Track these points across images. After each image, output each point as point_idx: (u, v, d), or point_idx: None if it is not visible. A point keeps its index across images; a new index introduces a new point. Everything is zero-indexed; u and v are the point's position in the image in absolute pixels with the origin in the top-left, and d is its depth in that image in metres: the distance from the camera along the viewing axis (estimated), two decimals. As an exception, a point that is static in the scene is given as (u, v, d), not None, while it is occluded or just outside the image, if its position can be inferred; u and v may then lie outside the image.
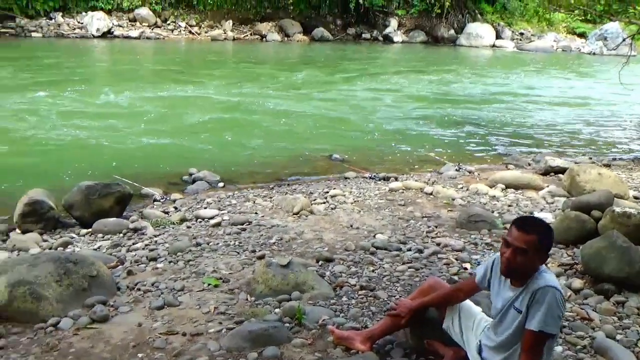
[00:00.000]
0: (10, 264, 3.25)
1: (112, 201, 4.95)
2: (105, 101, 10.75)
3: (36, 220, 4.69)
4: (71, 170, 6.70)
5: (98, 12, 22.34)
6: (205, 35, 24.05)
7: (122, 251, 4.18)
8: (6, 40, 19.79)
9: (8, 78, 12.59)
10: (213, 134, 8.77)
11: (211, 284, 3.50)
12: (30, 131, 8.30)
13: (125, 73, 14.93)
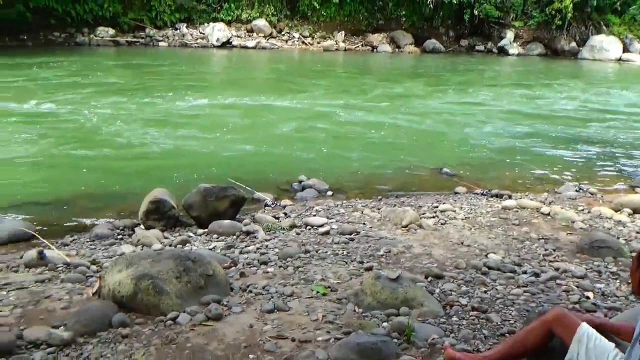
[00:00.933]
0: (136, 258, 3.47)
1: (227, 204, 5.15)
2: (217, 107, 11.28)
3: (158, 218, 4.99)
4: (190, 173, 7.08)
5: (219, 24, 23.54)
6: (318, 46, 24.56)
7: (235, 253, 4.33)
8: (137, 49, 21.42)
9: (131, 83, 13.63)
10: (318, 143, 8.90)
11: (319, 291, 3.53)
12: (151, 134, 8.85)
13: (238, 81, 15.58)
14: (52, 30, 21.57)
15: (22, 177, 6.65)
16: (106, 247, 4.60)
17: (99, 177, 6.78)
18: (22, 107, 10.17)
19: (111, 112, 10.16)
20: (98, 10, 21.86)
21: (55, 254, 4.23)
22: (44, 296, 3.50)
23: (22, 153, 7.48)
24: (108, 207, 5.94)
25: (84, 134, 8.70)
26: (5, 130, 8.55)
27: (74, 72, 14.71)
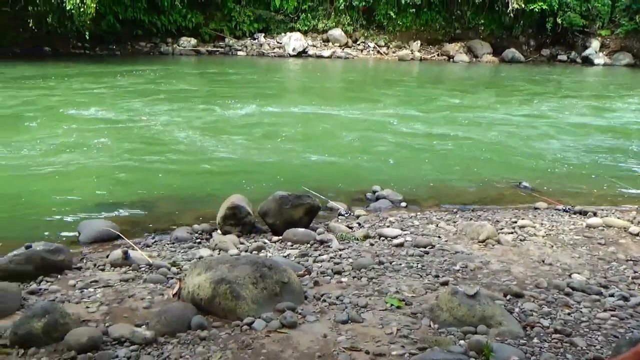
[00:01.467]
0: (214, 262, 3.56)
1: (302, 212, 5.20)
2: (286, 115, 11.46)
3: (235, 224, 5.10)
4: (264, 180, 7.21)
5: (295, 33, 23.96)
6: (393, 55, 24.49)
7: (309, 261, 4.36)
8: (216, 58, 22.18)
9: (204, 90, 14.14)
10: (389, 153, 8.83)
11: (394, 304, 3.49)
12: (222, 140, 9.08)
13: (309, 90, 15.84)
14: (139, 40, 22.70)
15: (105, 180, 6.99)
16: (185, 250, 4.75)
17: (177, 182, 7.02)
18: (97, 113, 10.73)
19: (183, 119, 10.58)
20: (181, 21, 22.80)
21: (139, 254, 4.41)
22: (128, 295, 3.66)
23: (100, 157, 7.85)
24: (187, 212, 6.13)
25: (156, 140, 9.04)
26: (82, 135, 9.01)
27: (150, 80, 15.47)
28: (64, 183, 6.77)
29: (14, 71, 15.98)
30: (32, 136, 8.82)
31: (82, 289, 3.76)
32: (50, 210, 5.92)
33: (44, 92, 12.90)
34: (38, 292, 3.73)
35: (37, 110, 10.84)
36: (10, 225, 5.54)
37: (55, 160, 7.55)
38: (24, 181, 6.79)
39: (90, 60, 19.51)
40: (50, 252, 4.04)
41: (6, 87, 13.34)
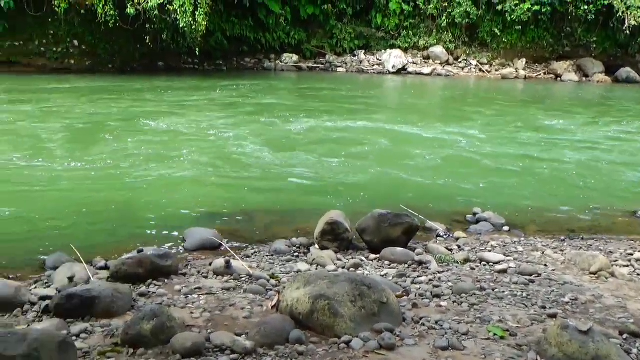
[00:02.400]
0: (313, 277, 3.58)
1: (400, 231, 5.13)
2: (378, 131, 11.34)
3: (333, 239, 5.12)
4: (360, 196, 7.20)
5: (396, 50, 23.92)
6: (496, 74, 23.77)
7: (407, 282, 4.27)
8: (317, 74, 22.61)
9: (295, 104, 14.44)
10: (487, 174, 8.51)
11: (497, 334, 3.33)
12: (313, 154, 9.17)
13: (403, 107, 15.72)
14: (244, 56, 23.63)
15: (204, 191, 7.27)
16: (284, 263, 4.82)
17: (273, 196, 7.17)
18: (187, 124, 11.26)
19: (272, 132, 10.88)
20: (285, 38, 23.48)
21: (240, 264, 4.53)
22: (229, 304, 3.76)
23: (195, 168, 8.14)
24: (284, 224, 6.24)
25: (246, 153, 9.22)
26: (179, 145, 9.47)
27: (243, 94, 16.12)
28: (167, 192, 7.10)
29: (125, 84, 17.25)
30: (130, 145, 9.38)
31: (186, 295, 3.92)
32: (157, 217, 6.24)
33: (140, 104, 13.79)
34: (147, 295, 3.93)
35: (129, 120, 11.57)
36: (123, 229, 5.89)
37: (155, 171, 7.93)
38: (131, 189, 7.21)
39: (197, 75, 20.58)
40: (160, 257, 4.25)
41: (110, 98, 14.34)
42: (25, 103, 13.38)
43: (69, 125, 11.02)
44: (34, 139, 9.68)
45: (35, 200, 6.58)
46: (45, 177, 7.44)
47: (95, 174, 7.68)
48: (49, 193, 6.86)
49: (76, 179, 7.45)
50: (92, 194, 6.92)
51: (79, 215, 6.23)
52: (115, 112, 12.56)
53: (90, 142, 9.66)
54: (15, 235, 5.57)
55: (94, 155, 8.67)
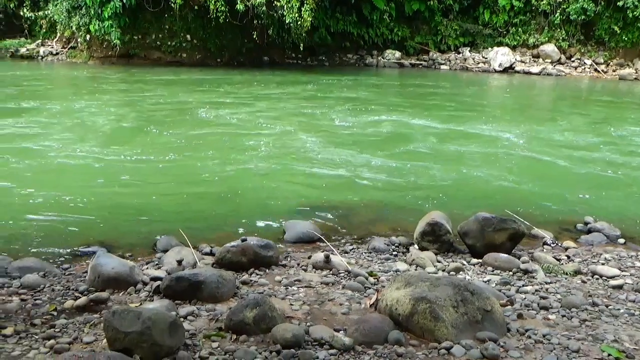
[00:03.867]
0: (414, 279, 3.51)
1: (504, 237, 4.92)
2: (471, 132, 10.95)
3: (433, 241, 5.00)
4: (462, 198, 6.99)
5: (503, 48, 23.03)
6: (613, 74, 22.23)
7: (511, 290, 4.09)
8: (418, 71, 22.30)
9: (390, 101, 14.20)
10: (595, 180, 7.97)
11: (612, 354, 3.10)
12: (407, 152, 9.08)
13: (498, 107, 15.04)
14: (346, 52, 23.74)
15: (302, 184, 7.39)
16: (382, 261, 4.78)
17: (372, 192, 7.10)
18: (282, 119, 11.39)
19: (368, 129, 10.78)
20: (388, 34, 23.32)
21: (338, 260, 4.54)
22: (328, 298, 3.78)
23: (290, 163, 8.29)
24: (382, 222, 6.19)
25: (339, 148, 9.23)
26: (268, 138, 9.66)
27: (341, 89, 16.20)
28: (266, 184, 7.27)
29: (229, 77, 18.00)
30: (228, 136, 9.71)
31: (287, 286, 3.99)
32: (257, 208, 6.41)
33: (236, 96, 14.29)
34: (249, 283, 4.04)
35: (226, 112, 11.94)
36: (225, 218, 6.10)
37: (253, 162, 8.17)
38: (231, 179, 7.45)
39: (299, 70, 20.96)
40: (262, 248, 4.36)
41: (209, 90, 14.93)
42: (137, 93, 14.28)
43: (169, 117, 11.61)
44: (139, 133, 10.29)
45: (174, 188, 7.00)
46: (154, 167, 7.89)
47: (198, 164, 8.02)
48: (159, 181, 7.26)
49: (181, 168, 7.85)
50: (196, 183, 7.25)
51: (186, 202, 6.56)
52: (215, 102, 13.10)
53: (187, 132, 10.13)
54: (130, 218, 5.94)
55: (195, 145, 9.09)
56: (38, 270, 4.30)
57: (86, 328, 3.27)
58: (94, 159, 8.03)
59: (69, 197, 6.46)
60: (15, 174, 7.25)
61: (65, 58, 22.43)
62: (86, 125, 10.48)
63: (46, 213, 5.93)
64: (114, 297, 3.76)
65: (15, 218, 5.71)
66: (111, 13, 19.10)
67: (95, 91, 14.93)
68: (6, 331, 3.20)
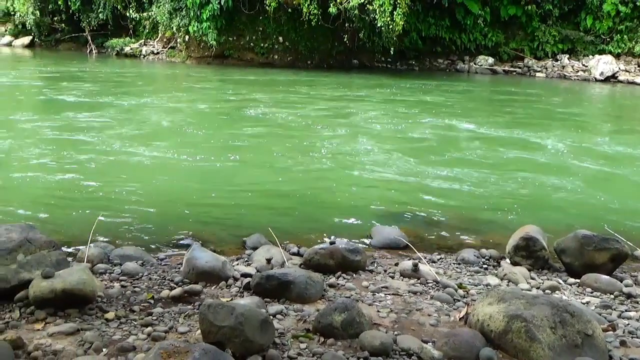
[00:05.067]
0: (508, 295, 3.37)
1: (606, 257, 4.63)
2: (577, 145, 10.35)
3: (526, 256, 4.80)
4: (555, 214, 6.66)
5: (606, 56, 21.77)
6: None
7: (612, 315, 3.84)
8: (512, 78, 21.53)
9: (495, 110, 13.71)
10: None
11: None
12: (506, 163, 8.71)
13: (612, 120, 14.14)
14: (437, 57, 23.37)
15: (388, 190, 7.32)
16: (471, 274, 4.64)
17: (458, 201, 6.93)
18: (366, 121, 11.27)
19: (454, 136, 10.53)
20: (481, 39, 22.72)
21: (427, 269, 4.46)
22: (415, 308, 3.72)
23: (376, 166, 8.24)
24: (472, 233, 6.01)
25: (423, 154, 9.09)
26: (358, 141, 9.59)
27: (428, 94, 15.85)
28: (353, 187, 7.29)
29: (312, 79, 18.26)
30: (313, 140, 9.77)
31: (374, 292, 3.96)
32: (344, 211, 6.41)
33: (310, 96, 14.34)
34: (336, 287, 4.05)
35: (313, 114, 12.00)
36: (313, 219, 6.16)
37: (338, 165, 8.24)
38: (318, 181, 7.52)
39: (387, 74, 20.86)
40: (350, 252, 4.36)
41: (295, 91, 15.10)
42: (225, 91, 14.75)
43: (252, 116, 11.88)
44: (222, 131, 10.61)
45: (260, 187, 7.20)
46: (240, 165, 8.14)
47: (281, 164, 8.18)
48: (245, 180, 7.44)
49: (265, 168, 8.03)
50: (281, 183, 7.40)
51: (273, 201, 6.70)
52: (298, 103, 13.29)
53: (269, 132, 10.35)
54: (221, 214, 6.13)
55: (277, 145, 9.26)
56: (137, 259, 4.52)
57: (181, 318, 3.40)
58: (185, 155, 8.36)
59: (161, 191, 6.79)
60: (115, 168, 7.69)
61: (165, 57, 23.58)
62: (171, 122, 10.96)
63: (142, 205, 6.25)
64: (207, 290, 3.89)
65: (115, 208, 6.05)
66: (209, 15, 19.86)
67: (187, 89, 15.63)
68: (108, 315, 3.38)
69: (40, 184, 6.91)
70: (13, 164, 7.70)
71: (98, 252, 4.53)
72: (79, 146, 8.62)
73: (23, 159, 7.92)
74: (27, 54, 26.21)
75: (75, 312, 3.37)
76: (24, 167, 7.53)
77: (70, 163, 7.76)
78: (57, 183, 6.94)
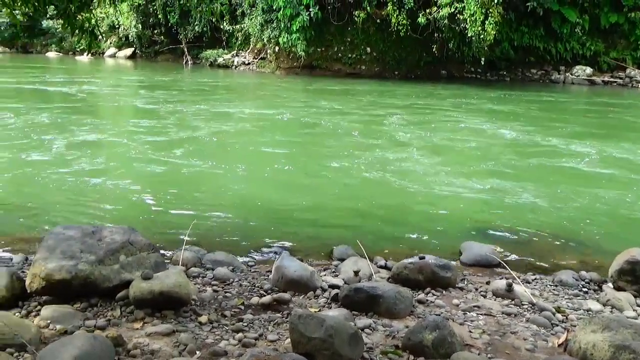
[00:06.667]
0: (614, 324, 3.15)
1: None
2: None
3: (632, 281, 4.47)
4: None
5: None
6: None
7: None
8: (613, 89, 20.36)
9: (590, 123, 12.89)
10: None
11: None
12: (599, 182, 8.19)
13: None
14: (530, 67, 22.55)
15: (477, 205, 7.10)
16: (570, 297, 4.38)
17: (553, 219, 6.60)
18: (451, 134, 10.92)
19: (528, 147, 10.05)
20: (579, 49, 21.69)
21: (521, 290, 4.26)
22: (510, 330, 3.56)
23: (464, 180, 7.99)
24: (568, 253, 5.71)
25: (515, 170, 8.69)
26: (438, 154, 9.31)
27: (519, 106, 15.13)
28: (440, 202, 7.12)
29: (397, 89, 18.00)
30: (398, 152, 9.62)
31: (465, 311, 3.83)
32: (432, 226, 6.28)
33: (394, 107, 14.07)
34: (425, 303, 3.95)
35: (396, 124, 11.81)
36: (400, 233, 6.05)
37: (425, 178, 8.09)
38: (405, 194, 7.39)
39: (475, 84, 20.35)
40: (440, 267, 4.24)
41: (377, 102, 14.95)
42: (310, 101, 14.92)
43: (330, 127, 11.90)
44: (303, 140, 10.69)
45: (322, 196, 7.23)
46: (323, 175, 8.19)
47: (365, 175, 8.13)
48: (332, 191, 7.47)
49: (350, 178, 8.02)
50: (369, 195, 7.34)
51: (361, 213, 6.65)
52: (380, 115, 13.18)
53: (350, 140, 10.31)
54: (308, 224, 6.18)
55: (360, 156, 9.21)
56: (227, 264, 4.64)
57: (270, 326, 3.44)
58: (274, 165, 8.53)
59: (250, 198, 6.96)
60: (207, 176, 7.97)
61: (255, 68, 24.29)
62: (260, 131, 11.22)
63: (232, 212, 6.42)
64: (295, 300, 3.91)
65: (206, 215, 6.25)
66: (299, 26, 20.26)
67: (275, 98, 15.99)
68: (202, 319, 3.48)
69: (137, 187, 7.27)
70: (113, 168, 8.17)
71: (192, 256, 4.69)
72: (173, 152, 9.01)
73: (122, 165, 8.38)
74: (129, 64, 27.87)
75: (171, 314, 3.49)
76: (123, 172, 7.96)
77: (164, 169, 8.13)
78: (153, 187, 7.28)
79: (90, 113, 13.06)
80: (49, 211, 6.20)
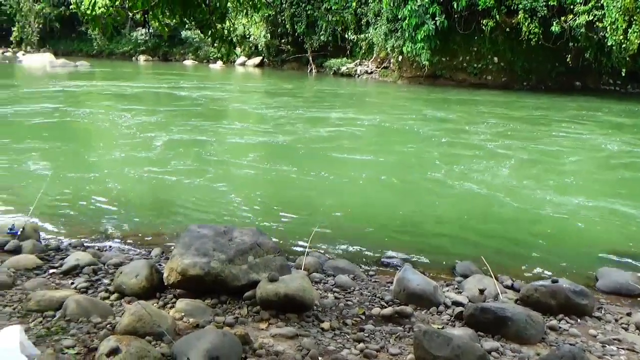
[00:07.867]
0: None
1: None
2: None
3: None
4: None
5: None
6: None
7: None
8: None
9: None
10: None
11: None
12: None
13: None
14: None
15: (602, 226, 6.55)
16: None
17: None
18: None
19: None
20: None
21: (670, 325, 3.84)
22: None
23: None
24: None
25: None
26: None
27: None
28: (574, 223, 6.65)
29: (523, 101, 17.05)
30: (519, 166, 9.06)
31: (604, 344, 3.53)
32: (562, 246, 5.88)
33: (515, 120, 13.19)
34: (558, 330, 3.69)
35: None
36: (527, 252, 5.71)
37: (555, 197, 7.55)
38: (533, 212, 6.97)
39: (613, 98, 18.83)
40: (575, 293, 3.95)
41: (498, 114, 14.19)
42: (434, 110, 14.61)
43: (461, 139, 11.50)
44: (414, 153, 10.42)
45: (444, 209, 7.03)
46: (448, 189, 7.93)
47: (489, 191, 7.77)
48: (453, 204, 7.24)
49: (474, 193, 7.70)
50: (493, 211, 7.02)
51: (485, 229, 6.38)
52: (496, 131, 12.55)
53: (461, 153, 9.91)
54: (430, 237, 6.05)
55: (476, 171, 8.84)
56: (348, 272, 4.65)
57: (392, 339, 3.39)
58: (394, 177, 8.44)
59: (371, 207, 6.92)
60: (331, 183, 8.06)
61: (378, 77, 24.34)
62: (381, 139, 11.16)
63: (353, 221, 6.43)
64: (417, 314, 3.83)
65: (328, 222, 6.30)
66: (424, 36, 20.00)
67: (397, 107, 15.84)
68: (324, 325, 3.51)
69: (262, 190, 7.54)
70: (234, 174, 8.50)
71: (314, 262, 4.76)
72: (291, 159, 9.23)
73: (242, 169, 8.70)
74: (257, 72, 29.13)
75: (294, 317, 3.56)
76: (247, 175, 8.29)
77: (282, 174, 8.32)
78: (273, 192, 7.51)
79: (221, 117, 13.80)
80: (179, 210, 6.60)
